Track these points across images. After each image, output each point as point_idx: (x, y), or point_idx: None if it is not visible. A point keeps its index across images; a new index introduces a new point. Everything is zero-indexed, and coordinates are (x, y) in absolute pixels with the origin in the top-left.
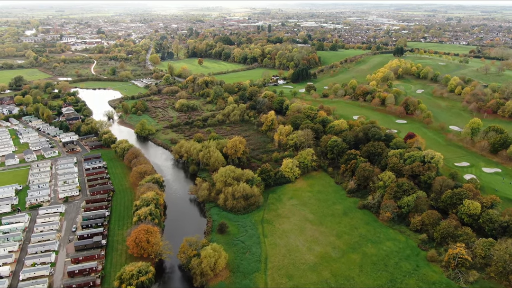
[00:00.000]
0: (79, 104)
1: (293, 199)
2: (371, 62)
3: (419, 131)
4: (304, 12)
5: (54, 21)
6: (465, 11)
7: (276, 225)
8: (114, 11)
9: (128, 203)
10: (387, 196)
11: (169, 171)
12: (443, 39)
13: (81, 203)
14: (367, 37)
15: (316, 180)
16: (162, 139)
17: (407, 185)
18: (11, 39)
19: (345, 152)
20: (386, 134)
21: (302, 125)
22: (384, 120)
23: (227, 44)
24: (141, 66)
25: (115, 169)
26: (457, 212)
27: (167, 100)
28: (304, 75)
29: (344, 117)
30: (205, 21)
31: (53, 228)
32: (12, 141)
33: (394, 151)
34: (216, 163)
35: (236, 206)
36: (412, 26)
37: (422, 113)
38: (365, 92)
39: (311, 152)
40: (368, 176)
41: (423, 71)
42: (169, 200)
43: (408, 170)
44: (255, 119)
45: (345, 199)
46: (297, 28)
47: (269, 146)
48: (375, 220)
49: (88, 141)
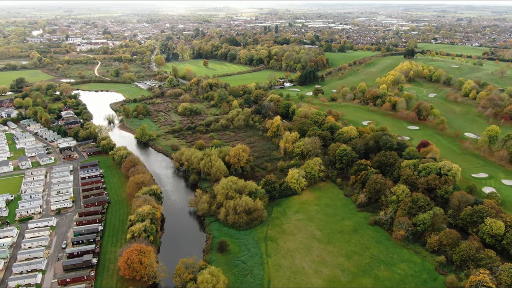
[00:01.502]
0: (80, 107)
1: (299, 213)
2: (381, 64)
3: (433, 139)
4: (311, 12)
5: (61, 21)
6: (475, 11)
7: (281, 243)
8: (121, 11)
9: (123, 216)
10: (401, 212)
11: (169, 180)
12: (454, 40)
13: (74, 216)
14: (376, 38)
15: (324, 192)
16: (163, 145)
17: (423, 200)
18: (17, 40)
19: (354, 161)
20: (399, 143)
21: (309, 131)
22: (395, 126)
23: (233, 45)
24: (146, 68)
25: (112, 177)
26: (478, 231)
27: (170, 103)
28: (311, 78)
29: (353, 122)
30: (212, 21)
31: (42, 244)
32: (8, 147)
33: (407, 161)
34: (217, 172)
35: (238, 222)
36: (422, 26)
37: (436, 119)
38: (375, 96)
39: (318, 161)
40: (379, 189)
41: (435, 74)
42: (168, 213)
43: (423, 183)
44: (260, 124)
45: (355, 213)
46: (304, 28)
47: (274, 153)
48: (388, 239)
49: (86, 147)
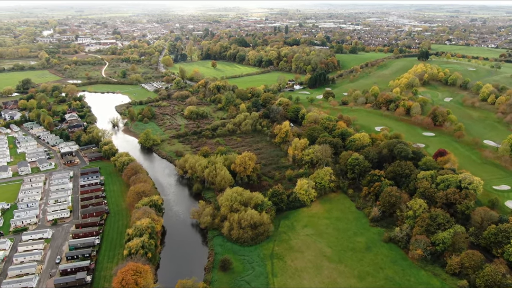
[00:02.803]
0: (84, 110)
1: (308, 228)
2: (394, 67)
3: (450, 146)
4: (322, 12)
5: (72, 22)
6: (489, 12)
7: (288, 261)
8: (132, 11)
9: (122, 229)
10: (418, 230)
11: (171, 189)
12: (469, 41)
13: (71, 227)
14: (388, 39)
15: (335, 203)
16: (167, 150)
17: (443, 217)
18: (27, 40)
19: (367, 171)
20: (414, 152)
21: (319, 138)
22: (410, 132)
23: (242, 46)
24: (153, 69)
25: (113, 185)
26: (504, 253)
27: (176, 106)
28: (322, 80)
29: (366, 128)
30: (221, 21)
31: (35, 259)
32: (9, 151)
33: (424, 172)
34: (222, 182)
35: (242, 237)
36: (435, 27)
37: (452, 125)
38: (388, 100)
39: (329, 171)
40: (394, 203)
41: (451, 77)
42: (169, 225)
43: (442, 198)
44: (268, 129)
45: (368, 229)
46: (315, 29)
47: (282, 161)
48: (404, 258)
49: (88, 152)
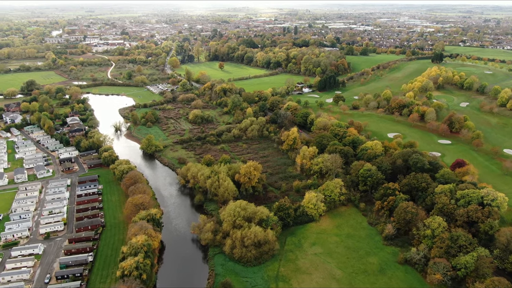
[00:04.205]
0: (87, 113)
1: (316, 246)
2: (407, 69)
3: (468, 155)
4: (332, 13)
5: (81, 22)
6: (503, 12)
7: (294, 284)
8: (142, 12)
9: (117, 244)
10: (437, 251)
11: (172, 199)
12: (484, 43)
13: (64, 242)
14: (400, 40)
15: (345, 218)
16: (169, 157)
17: (465, 239)
18: (35, 40)
19: (380, 184)
20: (431, 162)
21: (329, 146)
22: (424, 140)
23: (250, 47)
24: (160, 70)
25: (111, 195)
26: None
27: (181, 109)
28: (331, 83)
29: (377, 134)
30: (230, 22)
31: (23, 278)
32: (7, 156)
33: (442, 186)
34: (226, 193)
35: (246, 256)
36: (448, 28)
37: (470, 132)
38: (401, 105)
39: (339, 184)
40: (410, 220)
41: (467, 81)
42: (168, 239)
43: (463, 215)
44: (276, 135)
45: (381, 248)
46: (324, 29)
47: (289, 170)
48: (421, 282)
49: (87, 158)
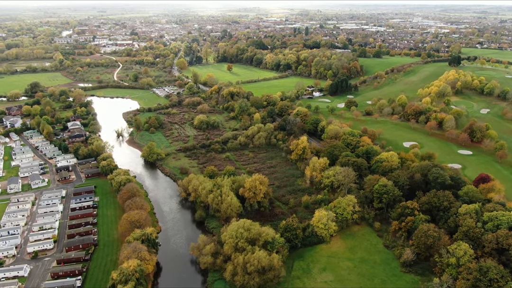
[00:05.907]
0: (88, 118)
1: (326, 272)
2: (422, 73)
3: (491, 168)
4: (344, 13)
5: (92, 22)
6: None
7: None
8: (153, 12)
9: (109, 266)
10: (463, 283)
11: (172, 214)
12: (502, 45)
13: (52, 263)
14: (414, 41)
15: (358, 240)
16: (171, 166)
17: (496, 271)
18: (45, 40)
19: (397, 201)
20: (453, 177)
21: (341, 158)
22: (443, 150)
23: (260, 49)
24: (167, 72)
25: (107, 209)
26: None
27: (186, 113)
28: (343, 87)
29: (392, 143)
30: (241, 22)
31: None
32: (3, 164)
33: (467, 206)
34: (229, 209)
35: (248, 284)
36: (463, 29)
37: (493, 142)
38: (417, 112)
39: (352, 201)
40: (431, 245)
41: (487, 85)
42: (165, 260)
43: (492, 241)
44: (284, 144)
45: (399, 276)
46: (336, 30)
47: (298, 182)
48: None
49: (85, 167)
